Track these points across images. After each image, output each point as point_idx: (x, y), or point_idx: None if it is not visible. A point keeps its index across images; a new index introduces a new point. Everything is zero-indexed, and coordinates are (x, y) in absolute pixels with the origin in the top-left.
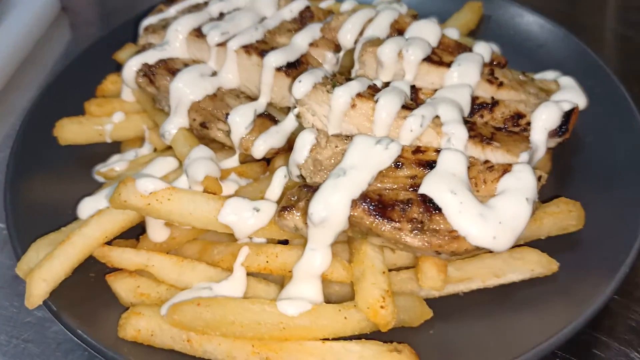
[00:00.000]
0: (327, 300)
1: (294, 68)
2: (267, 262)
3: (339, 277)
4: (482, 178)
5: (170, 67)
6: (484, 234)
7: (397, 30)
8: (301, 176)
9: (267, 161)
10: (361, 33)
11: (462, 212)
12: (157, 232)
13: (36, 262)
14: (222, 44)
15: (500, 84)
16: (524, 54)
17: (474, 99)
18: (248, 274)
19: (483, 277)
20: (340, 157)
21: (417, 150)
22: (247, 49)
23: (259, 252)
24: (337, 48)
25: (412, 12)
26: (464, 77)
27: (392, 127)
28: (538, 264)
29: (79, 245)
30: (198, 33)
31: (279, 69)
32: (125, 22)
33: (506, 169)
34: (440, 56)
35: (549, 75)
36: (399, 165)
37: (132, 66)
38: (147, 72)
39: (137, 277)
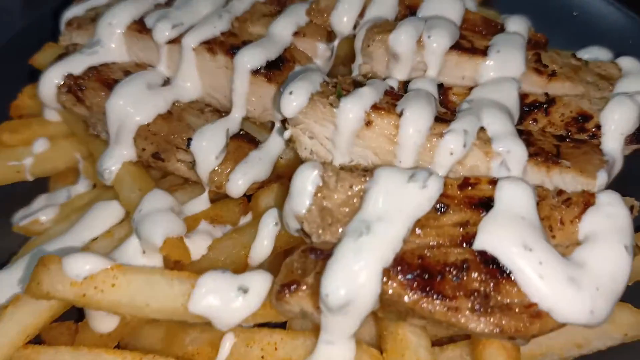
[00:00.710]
0: None
1: (277, 69)
2: (262, 357)
3: None
4: (558, 217)
5: (105, 78)
6: (578, 307)
7: (408, 7)
8: (303, 231)
9: (248, 197)
10: (361, 14)
11: (544, 277)
12: (100, 322)
13: None
14: (175, 40)
15: (552, 74)
16: (552, 23)
17: (522, 97)
18: None
19: (561, 349)
20: (359, 203)
21: (465, 183)
22: (210, 45)
23: (249, 342)
24: (329, 36)
25: None
26: (505, 67)
27: (424, 149)
28: (633, 326)
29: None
30: (140, 27)
31: (256, 72)
32: (43, 12)
33: (588, 201)
34: (470, 40)
35: (598, 53)
36: (442, 208)
37: (51, 78)
38: (73, 87)
39: None
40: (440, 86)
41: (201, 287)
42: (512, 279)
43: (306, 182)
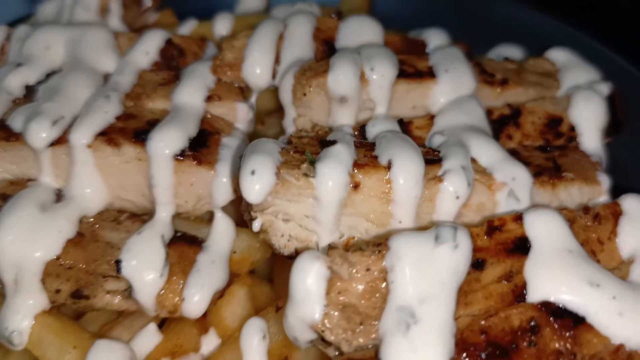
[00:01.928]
0: None
1: (203, 147)
2: None
3: None
4: (595, 238)
5: None
6: None
7: (324, 41)
8: (323, 342)
9: None
10: (276, 60)
11: (623, 314)
12: None
13: None
14: (58, 141)
15: (504, 82)
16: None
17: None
18: None
19: None
20: (385, 287)
21: (491, 228)
22: (110, 136)
23: None
24: (244, 93)
25: (329, 10)
26: (458, 86)
27: (423, 201)
28: None
29: None
30: (5, 133)
31: (180, 156)
32: None
33: (615, 211)
34: (411, 64)
35: (510, 52)
36: (480, 266)
37: None
38: None
39: None
40: (401, 122)
41: None
42: (589, 323)
43: (311, 279)
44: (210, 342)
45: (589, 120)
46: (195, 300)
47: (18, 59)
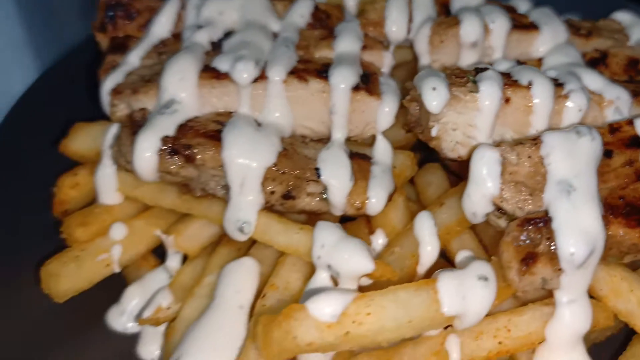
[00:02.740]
0: None
1: (369, 83)
2: (499, 343)
3: (604, 324)
4: None
5: (204, 131)
6: None
7: (442, 4)
8: (500, 211)
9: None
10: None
11: None
12: None
13: None
14: (259, 79)
15: (589, 34)
16: None
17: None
18: None
19: None
20: (543, 169)
21: (612, 129)
22: (299, 74)
23: (477, 336)
24: (386, 45)
25: None
26: (556, 36)
27: (553, 113)
28: None
29: None
30: (214, 74)
31: (356, 88)
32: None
33: None
34: (518, 19)
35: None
36: (609, 154)
37: (146, 148)
38: (179, 148)
39: None
40: (517, 63)
41: (445, 288)
42: None
43: (491, 163)
44: (376, 240)
45: None
46: (376, 200)
47: (197, 23)
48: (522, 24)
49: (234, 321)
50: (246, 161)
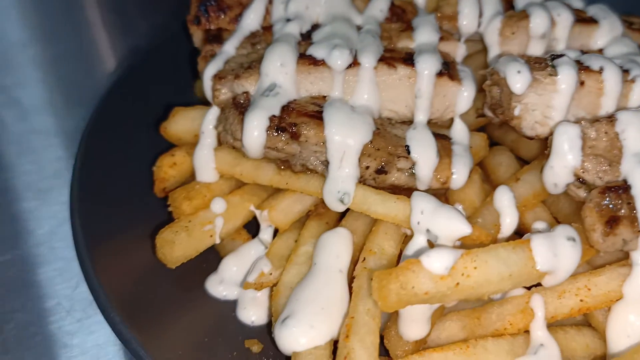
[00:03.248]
0: None
1: (450, 69)
2: (580, 301)
3: None
4: None
5: (306, 112)
6: None
7: (507, 1)
8: (580, 182)
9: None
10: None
11: None
12: (419, 326)
13: None
14: (352, 65)
15: (638, 29)
16: None
17: None
18: None
19: None
20: (619, 143)
21: None
22: (387, 61)
23: (560, 295)
24: (457, 38)
25: None
26: (613, 29)
27: (621, 96)
28: None
29: None
30: (311, 60)
31: (440, 74)
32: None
33: None
34: (578, 14)
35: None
36: None
37: (257, 127)
38: (286, 125)
39: None
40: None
41: (539, 247)
42: None
43: (573, 138)
44: None
45: None
46: (458, 175)
47: (286, 16)
48: (582, 18)
49: (336, 283)
50: (346, 138)
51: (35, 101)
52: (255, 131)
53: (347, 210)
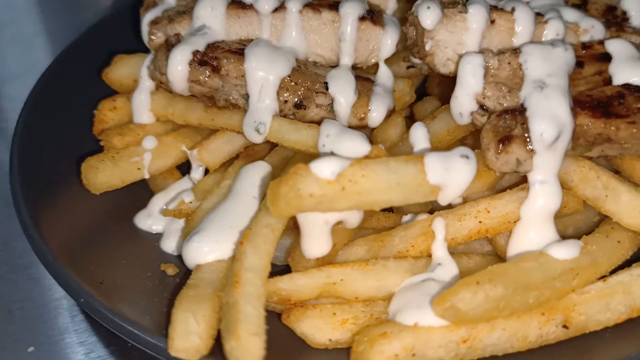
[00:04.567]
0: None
1: (374, 16)
2: (479, 222)
3: (573, 207)
4: None
5: (229, 49)
6: None
7: None
8: (482, 109)
9: None
10: None
11: None
12: (319, 242)
13: (197, 329)
14: (277, 10)
15: None
16: None
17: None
18: None
19: None
20: (521, 73)
21: (584, 46)
22: (313, 6)
23: (460, 217)
24: None
25: None
26: None
27: (534, 37)
28: None
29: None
30: (239, 5)
31: (362, 18)
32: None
33: None
34: None
35: None
36: (580, 64)
37: (180, 62)
38: (207, 59)
39: (317, 307)
40: None
41: (431, 161)
42: None
43: (476, 66)
44: None
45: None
46: (376, 113)
47: None
48: None
49: (248, 207)
50: (264, 72)
51: None
52: (179, 65)
53: None
